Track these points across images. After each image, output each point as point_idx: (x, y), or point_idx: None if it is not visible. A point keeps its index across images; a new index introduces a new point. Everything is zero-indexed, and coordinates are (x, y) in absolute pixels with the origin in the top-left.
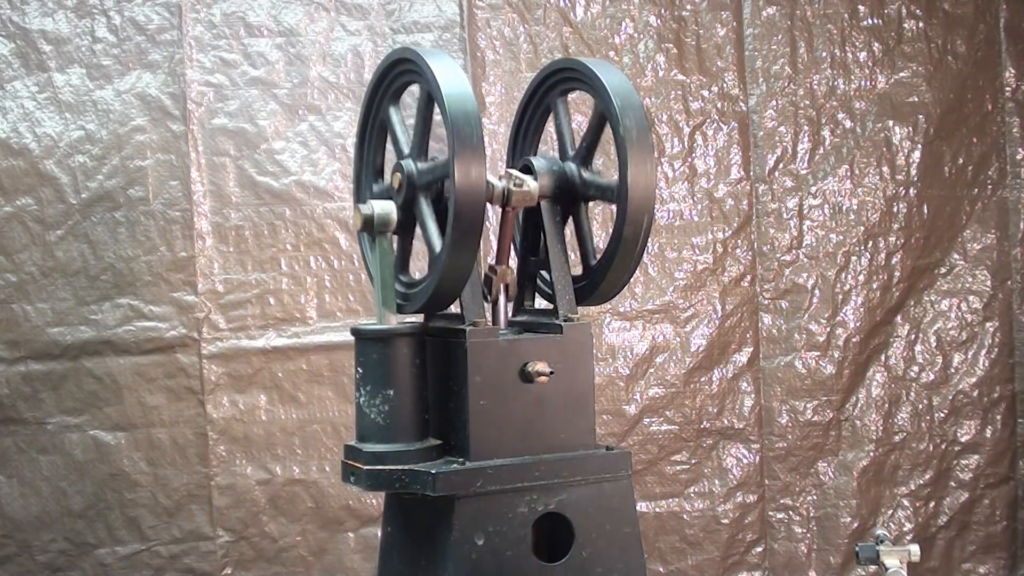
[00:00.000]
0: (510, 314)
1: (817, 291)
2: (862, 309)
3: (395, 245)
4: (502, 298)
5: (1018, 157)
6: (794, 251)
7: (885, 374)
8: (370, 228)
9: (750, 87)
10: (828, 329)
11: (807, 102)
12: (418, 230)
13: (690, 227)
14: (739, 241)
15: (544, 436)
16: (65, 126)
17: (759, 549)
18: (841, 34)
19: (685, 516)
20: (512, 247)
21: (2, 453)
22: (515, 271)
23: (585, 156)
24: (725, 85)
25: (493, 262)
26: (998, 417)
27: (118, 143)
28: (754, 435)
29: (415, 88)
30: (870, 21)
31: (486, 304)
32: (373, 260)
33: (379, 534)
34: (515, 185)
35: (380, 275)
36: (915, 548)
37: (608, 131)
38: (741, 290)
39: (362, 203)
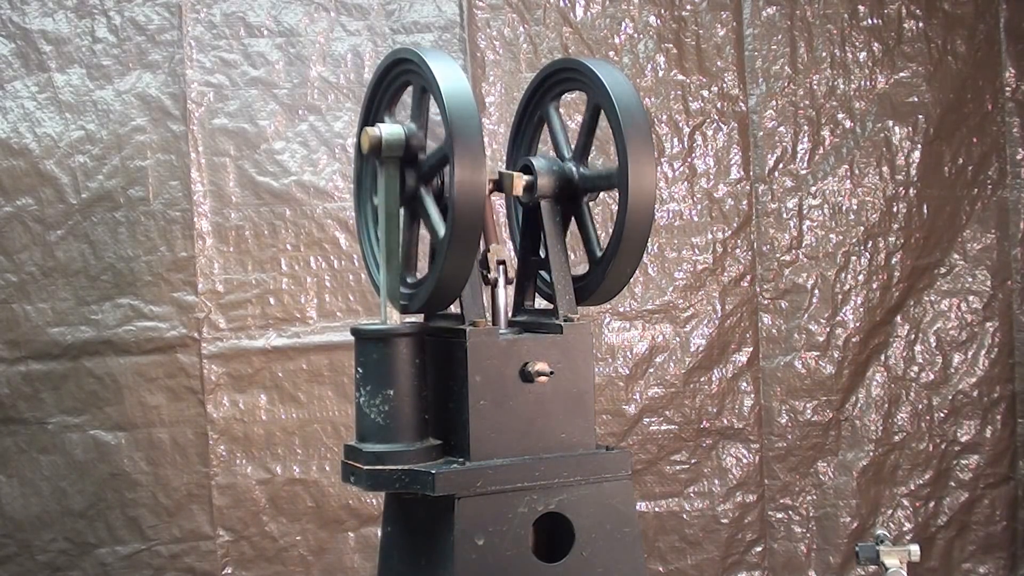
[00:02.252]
0: (510, 314)
1: (817, 291)
2: (862, 309)
3: (399, 250)
4: (501, 280)
5: (1018, 157)
6: (794, 251)
7: (885, 374)
8: (378, 151)
9: (750, 87)
10: (828, 329)
11: (807, 102)
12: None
13: (690, 227)
14: (739, 241)
15: (544, 436)
16: (65, 126)
17: (759, 549)
18: (841, 34)
19: (685, 516)
20: (505, 248)
21: (2, 453)
22: (509, 251)
23: (582, 152)
24: (725, 85)
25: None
26: (998, 417)
27: (118, 143)
28: (754, 435)
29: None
30: (870, 21)
31: (485, 287)
32: (379, 187)
33: (379, 534)
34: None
35: (385, 203)
36: (915, 548)
37: (604, 127)
38: (741, 290)
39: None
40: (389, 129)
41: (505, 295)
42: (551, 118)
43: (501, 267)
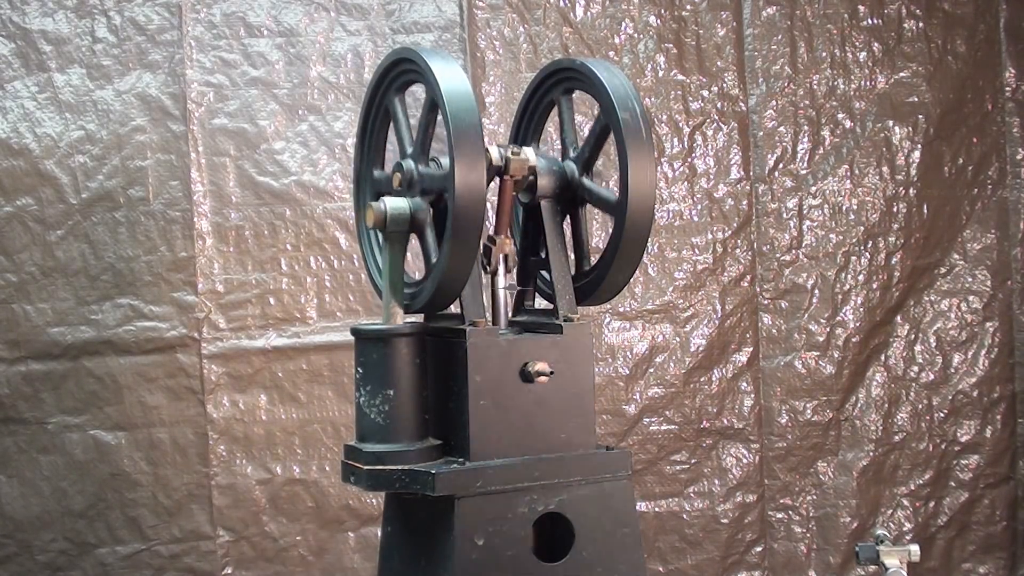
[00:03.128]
0: (510, 314)
1: (817, 291)
2: (862, 309)
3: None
4: (501, 268)
5: (1018, 157)
6: (794, 251)
7: (885, 374)
8: (383, 226)
9: (750, 87)
10: (828, 329)
11: (807, 102)
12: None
13: (690, 227)
14: (739, 241)
15: (544, 436)
16: (65, 126)
17: (759, 549)
18: (841, 34)
19: (685, 516)
20: (512, 242)
21: (2, 453)
22: (515, 244)
23: (586, 162)
24: (725, 85)
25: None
26: (998, 417)
27: (118, 143)
28: (754, 435)
29: (415, 89)
30: (870, 21)
31: (485, 275)
32: (383, 260)
33: (379, 534)
34: (512, 153)
35: (389, 275)
36: (915, 548)
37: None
38: (741, 290)
39: (374, 201)
40: (393, 204)
41: (505, 295)
42: (562, 108)
43: (503, 258)
